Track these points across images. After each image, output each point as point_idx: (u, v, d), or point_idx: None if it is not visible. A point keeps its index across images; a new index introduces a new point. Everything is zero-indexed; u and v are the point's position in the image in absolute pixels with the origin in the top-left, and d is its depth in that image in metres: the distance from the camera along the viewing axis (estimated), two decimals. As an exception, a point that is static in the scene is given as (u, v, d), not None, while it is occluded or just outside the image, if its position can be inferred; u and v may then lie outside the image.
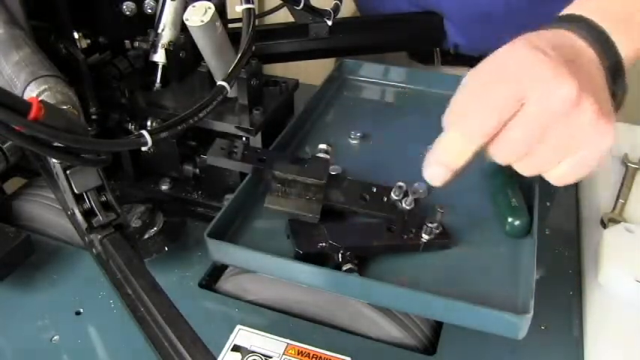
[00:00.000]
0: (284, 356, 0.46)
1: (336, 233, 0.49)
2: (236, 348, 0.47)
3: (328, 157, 0.57)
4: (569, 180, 0.42)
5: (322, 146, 0.58)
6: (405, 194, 0.53)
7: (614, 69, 0.43)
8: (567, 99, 0.39)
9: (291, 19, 0.78)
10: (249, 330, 0.48)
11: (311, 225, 0.50)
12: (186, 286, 0.53)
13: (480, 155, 0.46)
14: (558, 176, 0.42)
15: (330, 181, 0.53)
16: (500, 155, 0.42)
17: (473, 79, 0.43)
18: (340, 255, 0.47)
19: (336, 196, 0.53)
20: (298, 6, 0.70)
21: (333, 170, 0.58)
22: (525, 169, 0.43)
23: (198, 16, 0.54)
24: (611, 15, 0.44)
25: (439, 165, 0.44)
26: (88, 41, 0.61)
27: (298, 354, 0.47)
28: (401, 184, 0.53)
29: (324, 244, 0.48)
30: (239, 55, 0.52)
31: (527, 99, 0.39)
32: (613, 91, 0.44)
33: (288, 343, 0.47)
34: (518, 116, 0.40)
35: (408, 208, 0.52)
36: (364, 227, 0.51)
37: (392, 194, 0.53)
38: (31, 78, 0.46)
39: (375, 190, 0.54)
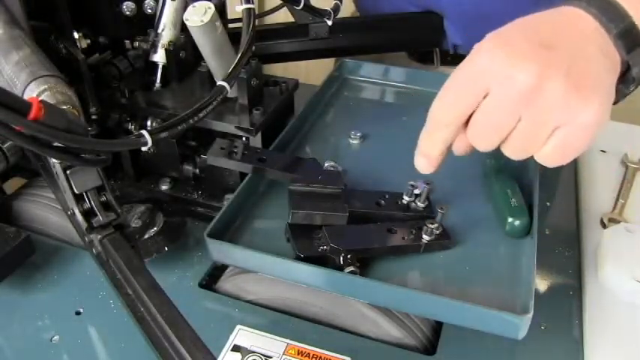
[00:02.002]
0: (284, 356, 0.46)
1: (336, 236, 0.49)
2: (236, 348, 0.47)
3: (340, 168, 0.57)
4: (559, 161, 0.43)
5: (331, 163, 0.58)
6: (418, 194, 0.53)
7: (627, 36, 0.42)
8: (526, 84, 0.40)
9: (291, 19, 0.78)
10: (249, 330, 0.48)
11: (311, 228, 0.50)
12: (186, 286, 0.53)
13: (479, 156, 0.47)
14: (545, 157, 0.44)
15: (346, 194, 0.52)
16: (474, 141, 0.45)
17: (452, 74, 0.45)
18: (341, 258, 0.47)
19: (354, 203, 0.52)
20: (298, 6, 0.70)
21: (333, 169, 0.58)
22: (510, 153, 0.45)
23: (198, 16, 0.54)
24: None
25: (421, 156, 0.48)
26: (88, 41, 0.61)
27: (298, 354, 0.47)
28: (412, 182, 0.53)
29: (325, 247, 0.48)
30: (239, 55, 0.52)
31: (489, 90, 0.42)
32: (627, 62, 0.43)
33: (288, 343, 0.47)
34: (481, 105, 0.43)
35: (422, 206, 0.52)
36: (365, 230, 0.51)
37: (404, 196, 0.53)
38: (31, 78, 0.46)
39: (387, 196, 0.54)
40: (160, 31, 0.62)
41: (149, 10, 0.62)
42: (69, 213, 0.47)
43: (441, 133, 0.46)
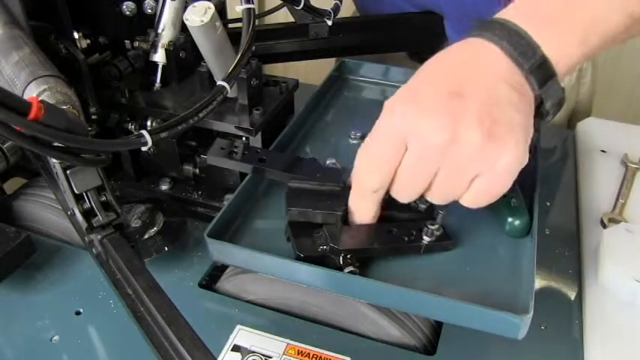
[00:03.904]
0: (284, 356, 0.46)
1: (336, 236, 0.48)
2: (236, 348, 0.47)
3: (339, 166, 0.57)
4: (483, 203, 0.44)
5: (332, 160, 0.58)
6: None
7: (539, 70, 0.42)
8: (439, 139, 0.40)
9: (291, 19, 0.78)
10: (249, 330, 0.48)
11: (311, 228, 0.50)
12: (186, 286, 0.54)
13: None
14: (469, 202, 0.44)
15: (344, 192, 0.52)
16: (397, 196, 0.46)
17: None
18: (341, 258, 0.47)
19: None
20: (298, 6, 0.70)
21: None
22: (434, 200, 0.45)
23: (198, 16, 0.54)
24: (537, 14, 0.43)
25: (358, 220, 0.49)
26: (88, 41, 0.61)
27: (298, 354, 0.47)
28: None
29: (325, 247, 0.48)
30: (239, 55, 0.52)
31: (407, 148, 0.42)
32: (539, 96, 0.43)
33: (288, 343, 0.47)
34: (401, 164, 0.43)
35: (423, 207, 0.52)
36: (365, 230, 0.51)
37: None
38: (31, 78, 0.46)
39: (387, 196, 0.54)
40: (160, 31, 0.62)
41: (149, 10, 0.62)
42: (69, 213, 0.47)
43: (371, 199, 0.46)
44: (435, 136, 0.40)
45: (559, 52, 0.42)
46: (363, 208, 0.48)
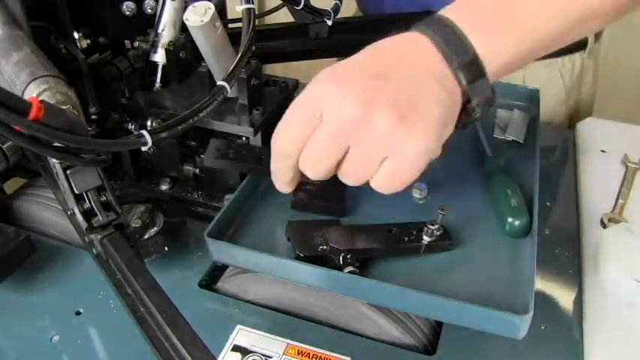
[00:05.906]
0: (284, 356, 0.46)
1: (336, 236, 0.49)
2: (236, 348, 0.47)
3: None
4: (391, 188, 0.43)
5: None
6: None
7: (468, 68, 0.42)
8: (352, 114, 0.41)
9: (291, 19, 0.78)
10: (249, 330, 0.48)
11: (311, 228, 0.50)
12: (186, 286, 0.53)
13: (479, 156, 0.46)
14: (377, 185, 0.44)
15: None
16: (304, 168, 0.45)
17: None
18: (341, 258, 0.47)
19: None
20: (298, 6, 0.70)
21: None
22: (345, 179, 0.45)
23: (198, 16, 0.54)
24: (476, 13, 0.44)
25: (277, 183, 0.48)
26: (88, 41, 0.61)
27: (298, 354, 0.47)
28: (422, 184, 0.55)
29: (325, 248, 0.48)
30: (239, 55, 0.52)
31: (321, 120, 0.42)
32: (466, 91, 0.43)
33: (288, 343, 0.47)
34: (314, 134, 0.43)
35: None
36: (365, 230, 0.51)
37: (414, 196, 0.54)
38: (31, 78, 0.46)
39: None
40: (160, 31, 0.62)
41: (149, 10, 0.62)
42: (69, 213, 0.47)
43: (285, 163, 0.46)
44: (348, 110, 0.41)
45: (492, 50, 0.43)
46: (278, 171, 0.47)
